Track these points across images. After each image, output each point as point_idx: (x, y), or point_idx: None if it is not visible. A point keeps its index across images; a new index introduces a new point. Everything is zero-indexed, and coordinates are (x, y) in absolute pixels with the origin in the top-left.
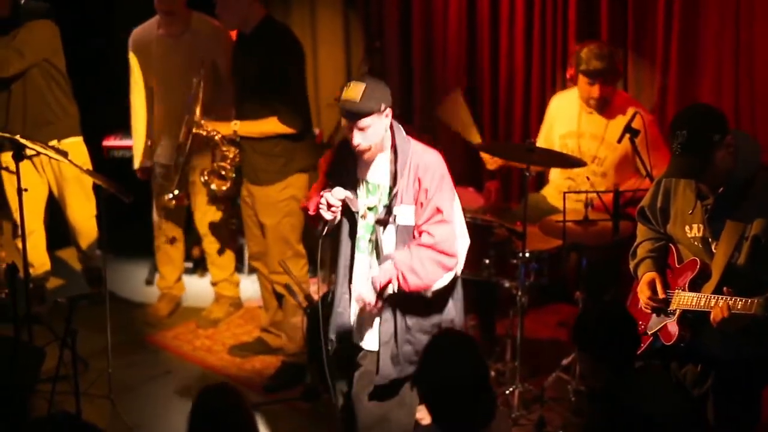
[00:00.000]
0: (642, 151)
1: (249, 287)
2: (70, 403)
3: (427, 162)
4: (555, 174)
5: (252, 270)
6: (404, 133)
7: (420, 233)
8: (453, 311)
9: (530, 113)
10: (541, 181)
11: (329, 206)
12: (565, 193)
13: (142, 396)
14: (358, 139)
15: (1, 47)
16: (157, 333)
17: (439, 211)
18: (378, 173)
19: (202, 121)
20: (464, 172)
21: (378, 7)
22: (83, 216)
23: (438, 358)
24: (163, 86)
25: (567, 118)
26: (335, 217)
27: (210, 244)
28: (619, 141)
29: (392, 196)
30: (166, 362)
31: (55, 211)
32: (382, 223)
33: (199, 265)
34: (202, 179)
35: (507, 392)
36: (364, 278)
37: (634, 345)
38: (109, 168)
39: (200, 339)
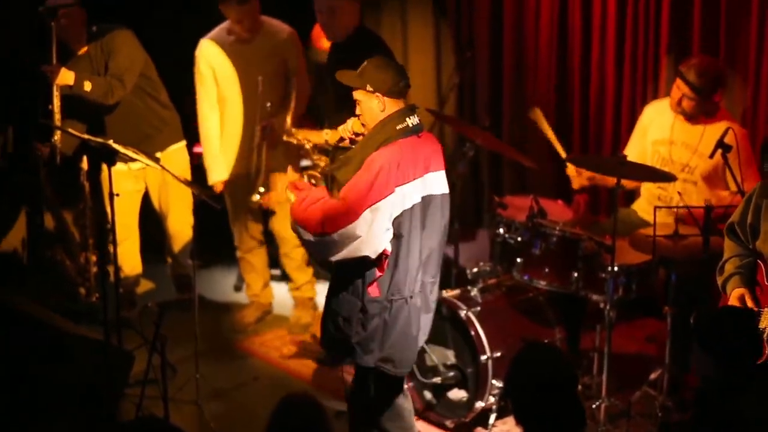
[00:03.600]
0: (734, 167)
1: None
2: (158, 407)
3: (372, 156)
4: (647, 186)
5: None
6: (395, 129)
7: None
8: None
9: (620, 127)
10: (631, 195)
11: None
12: (656, 207)
13: (230, 402)
14: (357, 110)
15: (83, 64)
16: (245, 339)
17: (344, 191)
18: None
19: (293, 130)
20: (553, 185)
21: (469, 18)
22: (182, 223)
23: (527, 370)
24: (240, 92)
25: (660, 126)
26: None
27: (294, 249)
28: (711, 156)
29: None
30: (253, 369)
31: (147, 216)
32: None
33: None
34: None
35: (593, 406)
36: None
37: (755, 355)
38: (198, 175)
39: (287, 346)
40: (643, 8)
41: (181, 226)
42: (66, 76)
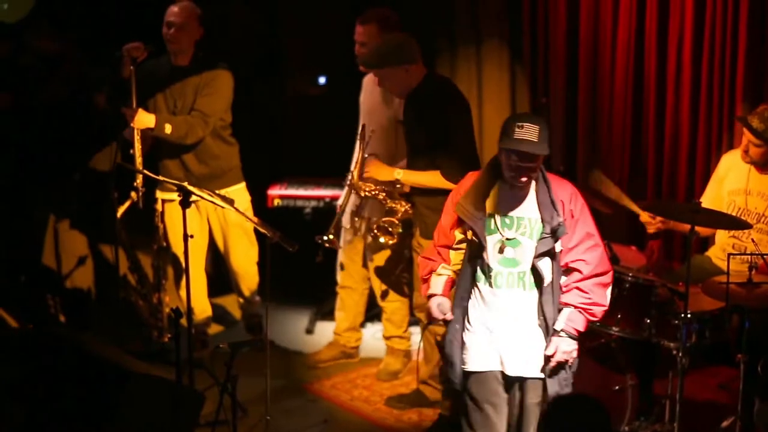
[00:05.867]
0: None
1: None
2: None
3: (568, 191)
4: (721, 234)
5: (415, 321)
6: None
7: (574, 261)
8: None
9: (695, 174)
10: (705, 242)
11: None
12: (729, 254)
13: None
14: (526, 177)
15: (179, 97)
16: (315, 381)
17: (590, 236)
18: (520, 207)
19: (360, 183)
20: (627, 231)
21: (544, 64)
22: (246, 262)
23: (561, 420)
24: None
25: (736, 176)
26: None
27: (387, 302)
28: None
29: (553, 228)
30: (323, 411)
31: (215, 259)
32: (543, 254)
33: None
34: (372, 233)
35: None
36: (509, 313)
37: None
38: (274, 216)
39: (358, 389)
40: (718, 56)
41: (245, 264)
42: (146, 119)
